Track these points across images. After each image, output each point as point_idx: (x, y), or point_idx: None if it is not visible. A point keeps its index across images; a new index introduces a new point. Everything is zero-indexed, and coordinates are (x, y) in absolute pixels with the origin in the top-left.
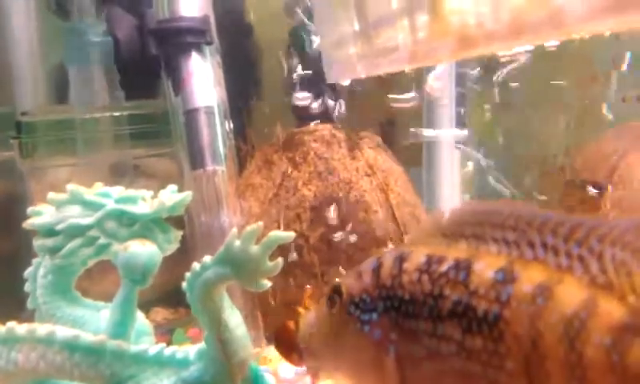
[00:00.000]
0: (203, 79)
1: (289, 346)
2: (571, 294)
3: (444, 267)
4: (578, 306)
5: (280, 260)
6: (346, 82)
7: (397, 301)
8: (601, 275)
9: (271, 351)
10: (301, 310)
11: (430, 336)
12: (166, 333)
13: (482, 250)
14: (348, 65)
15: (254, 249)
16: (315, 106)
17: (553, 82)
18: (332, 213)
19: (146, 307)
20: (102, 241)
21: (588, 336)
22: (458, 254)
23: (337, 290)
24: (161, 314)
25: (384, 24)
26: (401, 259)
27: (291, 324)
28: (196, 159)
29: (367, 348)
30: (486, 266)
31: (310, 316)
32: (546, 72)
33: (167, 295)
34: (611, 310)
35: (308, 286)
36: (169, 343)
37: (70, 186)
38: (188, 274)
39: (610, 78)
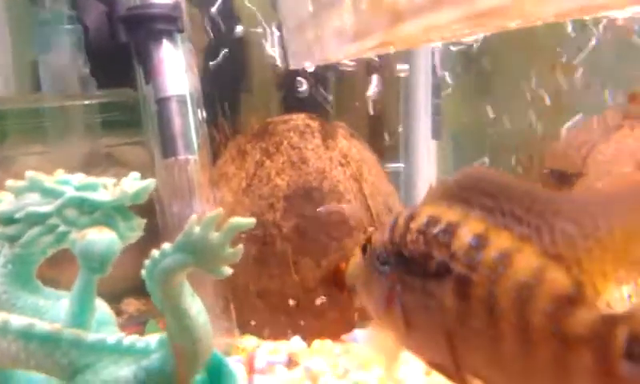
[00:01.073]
0: (175, 67)
1: (341, 284)
2: (526, 262)
3: (436, 229)
4: (530, 275)
5: (241, 247)
6: (310, 69)
7: (401, 258)
8: (552, 247)
9: (244, 341)
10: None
11: (421, 292)
12: (138, 324)
13: (471, 215)
14: (306, 50)
15: (215, 235)
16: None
17: (521, 71)
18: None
19: (117, 298)
20: (62, 229)
21: (535, 303)
22: (451, 217)
23: (368, 240)
24: (133, 305)
25: (334, 5)
26: (410, 218)
27: (343, 266)
28: (168, 147)
29: (382, 294)
30: (467, 231)
31: (353, 260)
32: (514, 61)
33: (139, 286)
34: (556, 281)
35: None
36: (141, 335)
37: (29, 173)
38: (147, 262)
39: (572, 66)
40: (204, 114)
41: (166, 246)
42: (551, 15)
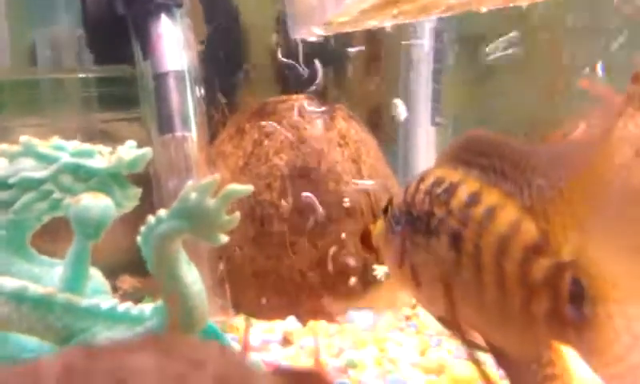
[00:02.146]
0: (173, 43)
1: (370, 245)
2: (507, 216)
3: (440, 189)
4: (507, 227)
5: (237, 214)
6: (311, 38)
7: (410, 217)
8: (528, 200)
9: (239, 320)
10: None
11: (425, 249)
12: (133, 301)
13: (470, 175)
14: (307, 14)
15: (211, 202)
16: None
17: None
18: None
19: (112, 275)
20: (57, 195)
21: (510, 253)
22: (453, 177)
23: (390, 203)
24: (128, 282)
25: None
26: (420, 180)
27: (372, 227)
28: (164, 124)
29: (396, 252)
30: (464, 190)
31: (379, 222)
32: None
33: (134, 263)
34: (528, 232)
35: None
36: None
37: (23, 138)
38: (143, 228)
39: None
40: (202, 92)
41: (162, 212)
42: None
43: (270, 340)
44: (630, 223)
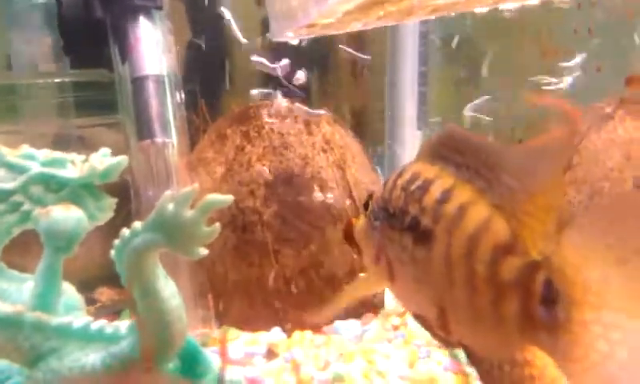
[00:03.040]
0: (152, 46)
1: (352, 239)
2: (477, 214)
3: (414, 186)
4: (477, 226)
5: (217, 225)
6: (293, 41)
7: (387, 213)
8: (499, 199)
9: (221, 332)
10: None
11: (399, 246)
12: (112, 314)
13: (445, 172)
14: (288, 15)
15: (189, 213)
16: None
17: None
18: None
19: (90, 287)
20: (27, 207)
21: (478, 252)
22: (429, 173)
23: (370, 198)
24: (106, 294)
25: None
26: (398, 175)
27: (354, 221)
28: (143, 129)
29: (373, 247)
30: (438, 187)
31: (361, 217)
32: (506, 45)
33: (112, 274)
34: (498, 231)
35: None
36: None
37: None
38: (116, 242)
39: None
40: (182, 97)
41: (137, 224)
42: None
43: (253, 353)
44: (611, 228)
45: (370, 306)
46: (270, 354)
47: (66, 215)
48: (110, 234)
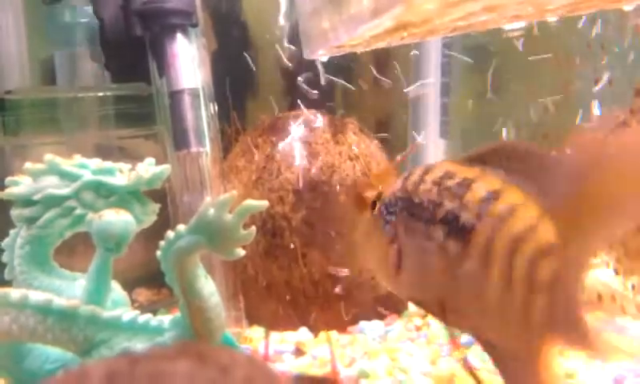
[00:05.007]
0: (188, 61)
1: (362, 204)
2: (525, 216)
3: (452, 182)
4: (525, 226)
5: (253, 228)
6: (323, 58)
7: (409, 203)
8: (548, 203)
9: (252, 332)
10: None
11: (422, 235)
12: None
13: (488, 173)
14: (321, 35)
15: (228, 217)
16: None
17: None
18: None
19: (128, 288)
20: (79, 211)
21: (522, 250)
22: (467, 174)
23: (377, 197)
24: (144, 294)
25: None
26: (425, 171)
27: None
28: (180, 140)
29: (383, 241)
30: (482, 186)
31: (364, 217)
32: (525, 57)
33: (150, 276)
34: (544, 232)
35: None
36: None
37: (48, 157)
38: (162, 243)
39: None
40: (215, 108)
41: (181, 227)
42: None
43: (283, 350)
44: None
45: (393, 308)
46: (298, 352)
47: (116, 219)
48: (148, 238)
